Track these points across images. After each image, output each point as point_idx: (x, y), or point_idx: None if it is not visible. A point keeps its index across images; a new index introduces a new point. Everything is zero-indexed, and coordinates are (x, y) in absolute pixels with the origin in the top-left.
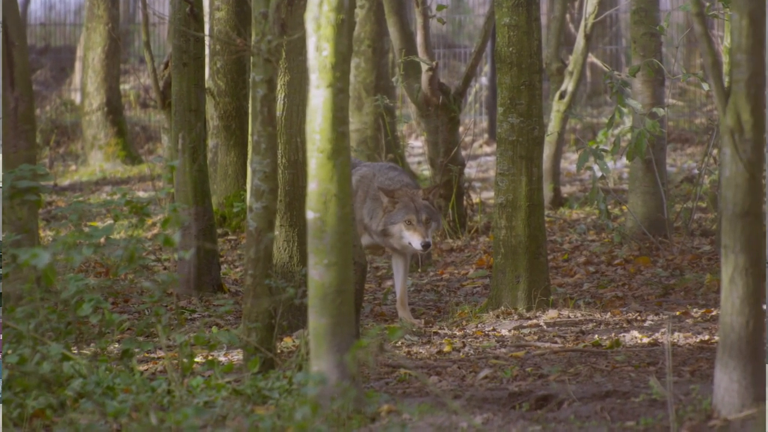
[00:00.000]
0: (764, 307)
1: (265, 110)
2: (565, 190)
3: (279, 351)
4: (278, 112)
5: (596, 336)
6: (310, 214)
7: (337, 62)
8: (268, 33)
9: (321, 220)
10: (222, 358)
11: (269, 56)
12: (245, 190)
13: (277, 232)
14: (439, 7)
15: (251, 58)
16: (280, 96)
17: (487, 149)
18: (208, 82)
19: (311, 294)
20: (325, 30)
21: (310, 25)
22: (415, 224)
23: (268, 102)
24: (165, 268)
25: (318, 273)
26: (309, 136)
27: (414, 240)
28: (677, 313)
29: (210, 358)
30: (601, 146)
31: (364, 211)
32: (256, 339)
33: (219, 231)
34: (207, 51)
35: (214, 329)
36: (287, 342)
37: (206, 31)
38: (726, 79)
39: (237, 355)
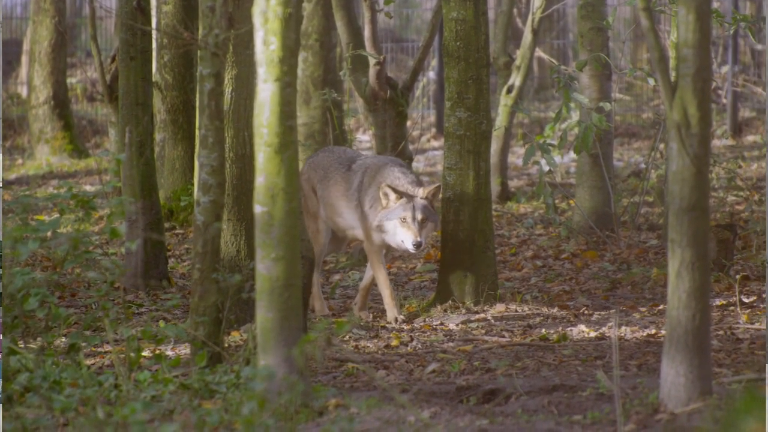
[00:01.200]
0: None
1: (212, 104)
2: (513, 184)
3: (226, 345)
4: (226, 106)
5: (544, 330)
6: (258, 208)
7: (284, 56)
8: (215, 27)
9: (269, 214)
10: (169, 353)
11: (216, 50)
12: (193, 184)
13: (224, 226)
14: (387, 1)
15: (198, 51)
16: (228, 90)
17: (435, 143)
18: (155, 75)
19: (259, 288)
20: (272, 24)
21: (257, 19)
22: (409, 222)
23: (215, 96)
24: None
25: (266, 267)
26: (257, 130)
27: (407, 238)
28: (624, 307)
29: (157, 352)
30: (549, 141)
31: (365, 200)
32: (203, 333)
33: (166, 225)
34: (154, 45)
35: (162, 323)
36: (235, 336)
37: (153, 24)
38: (673, 74)
39: (184, 350)
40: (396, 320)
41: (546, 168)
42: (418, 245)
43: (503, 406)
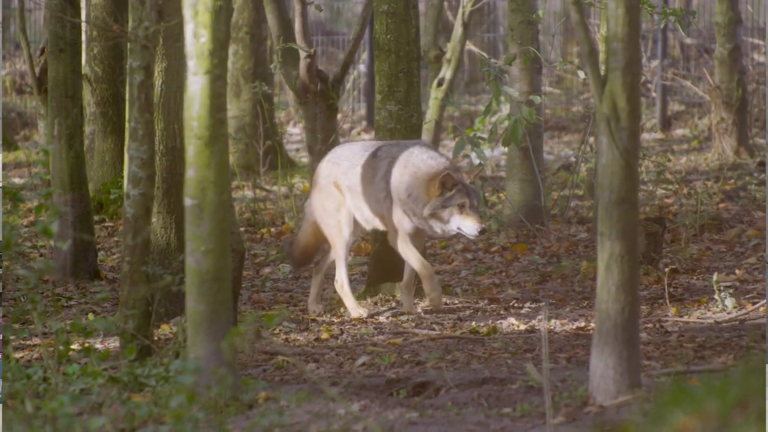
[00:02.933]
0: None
1: (142, 97)
2: None
3: (156, 338)
4: (156, 99)
5: (474, 323)
6: (188, 201)
7: (214, 49)
8: (145, 19)
9: (199, 207)
10: (98, 346)
11: (146, 42)
12: (122, 177)
13: (154, 219)
14: None
15: (128, 44)
16: (158, 82)
17: (366, 136)
18: (85, 68)
19: (189, 281)
20: (202, 16)
21: (187, 12)
22: (467, 208)
23: (145, 88)
24: (41, 255)
25: (195, 260)
26: (187, 122)
27: (467, 225)
28: (554, 300)
29: (86, 345)
30: (479, 134)
31: (401, 188)
32: (133, 326)
33: (96, 218)
34: (84, 37)
35: (91, 316)
36: (164, 329)
37: (83, 16)
38: (602, 68)
39: (114, 343)
40: (438, 307)
41: (476, 161)
42: (483, 231)
43: (433, 399)
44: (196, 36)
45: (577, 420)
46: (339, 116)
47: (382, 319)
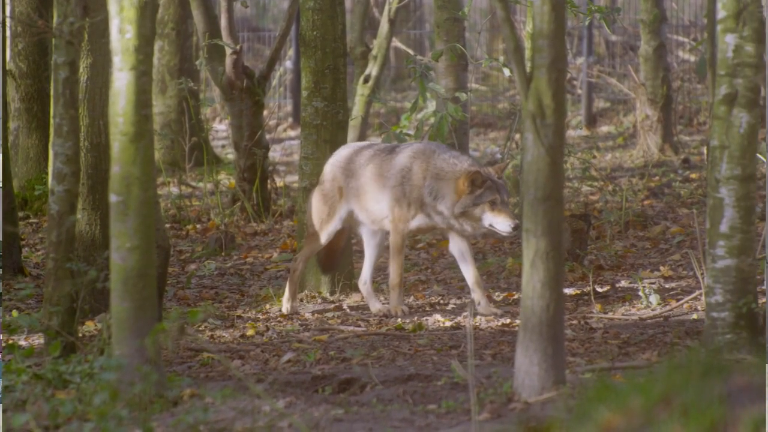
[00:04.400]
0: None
1: (67, 93)
2: None
3: (81, 335)
4: (81, 95)
5: (399, 320)
6: (113, 198)
7: (140, 45)
8: (70, 15)
9: (124, 204)
10: (23, 342)
11: (71, 38)
12: (47, 173)
13: (79, 216)
14: None
15: (53, 40)
16: (83, 78)
17: (292, 133)
18: (9, 64)
19: (114, 278)
20: (128, 12)
21: (112, 7)
22: (499, 205)
23: (70, 84)
24: None
25: (121, 256)
26: (112, 119)
27: (499, 222)
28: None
29: (10, 342)
30: (405, 130)
31: (425, 191)
32: (57, 323)
33: (20, 214)
34: (8, 32)
35: (15, 313)
36: (89, 326)
37: (7, 12)
38: (528, 65)
39: (38, 339)
40: (397, 313)
41: None
42: (516, 227)
43: (358, 396)
44: (121, 32)
45: (502, 416)
46: (265, 112)
47: (307, 315)
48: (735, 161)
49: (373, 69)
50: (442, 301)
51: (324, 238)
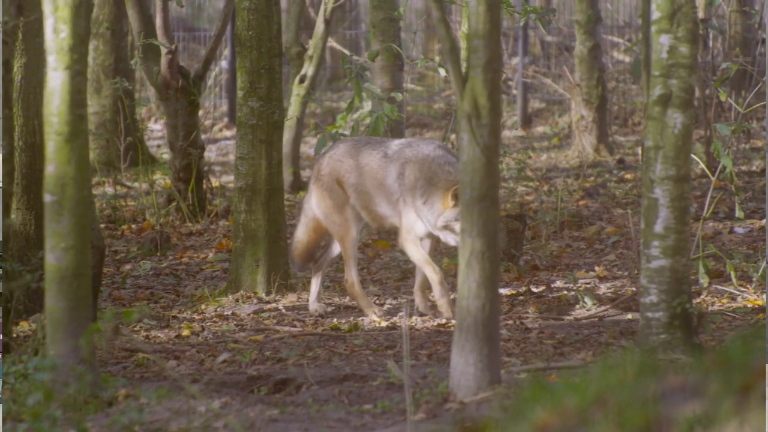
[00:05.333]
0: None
1: (1, 92)
2: (305, 174)
3: (15, 335)
4: (15, 94)
5: (335, 320)
6: (48, 198)
7: (74, 44)
8: (3, 14)
9: (58, 204)
10: None
11: (5, 38)
12: None
13: (13, 215)
14: None
15: None
16: (17, 78)
17: (227, 133)
18: None
19: (48, 278)
20: (62, 11)
21: (47, 7)
22: None
23: (4, 84)
24: None
25: (55, 256)
26: (47, 118)
27: None
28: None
29: None
30: (341, 131)
31: (417, 192)
32: None
33: None
34: None
35: None
36: (23, 326)
37: None
38: (464, 65)
39: None
40: (446, 314)
41: None
42: None
43: (294, 396)
44: (56, 31)
45: (437, 416)
46: (200, 112)
47: (243, 315)
48: (669, 162)
49: (308, 69)
50: (378, 302)
51: (353, 228)
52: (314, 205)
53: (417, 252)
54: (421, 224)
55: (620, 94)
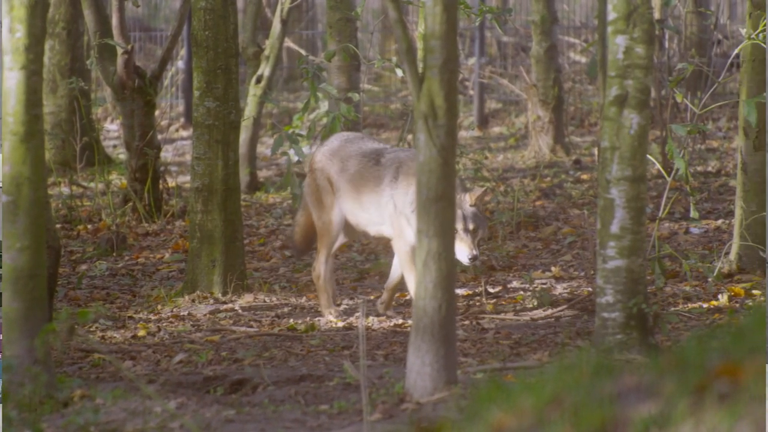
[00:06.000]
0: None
1: None
2: (262, 174)
3: None
4: None
5: (292, 320)
6: (3, 198)
7: (30, 44)
8: None
9: (14, 204)
10: None
11: None
12: None
13: None
14: None
15: None
16: None
17: (184, 133)
18: None
19: (4, 278)
20: (18, 11)
21: (2, 6)
22: (461, 234)
23: None
24: None
25: (11, 257)
26: (2, 118)
27: (459, 251)
28: (372, 297)
29: None
30: (297, 131)
31: (407, 199)
32: None
33: None
34: None
35: None
36: None
37: None
38: (420, 65)
39: None
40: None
41: (295, 158)
42: (474, 258)
43: (250, 396)
44: (11, 31)
45: (393, 417)
46: (157, 112)
47: (199, 316)
48: (625, 162)
49: (265, 69)
50: (335, 302)
51: (335, 229)
52: (305, 194)
53: (407, 264)
54: (410, 231)
55: (576, 94)
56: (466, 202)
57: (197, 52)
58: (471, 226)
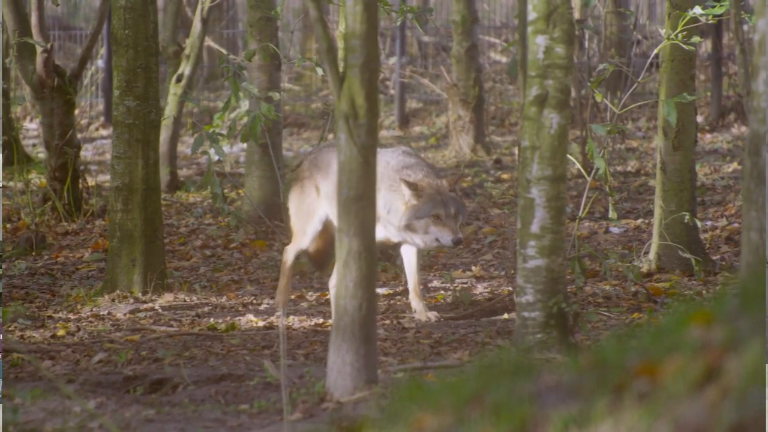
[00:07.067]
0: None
1: None
2: (182, 173)
3: None
4: None
5: (212, 320)
6: None
7: None
8: None
9: None
10: None
11: None
12: None
13: None
14: None
15: None
16: None
17: (104, 132)
18: None
19: None
20: None
21: None
22: (443, 218)
23: None
24: None
25: None
26: None
27: (443, 236)
28: (292, 297)
29: None
30: (218, 130)
31: (380, 203)
32: None
33: None
34: None
35: None
36: None
37: None
38: (341, 65)
39: None
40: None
41: (215, 157)
42: (458, 242)
43: (170, 396)
44: None
45: (314, 416)
46: (77, 111)
47: (119, 315)
48: (546, 162)
49: (185, 68)
50: (255, 301)
51: (307, 239)
52: (290, 197)
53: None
54: (389, 234)
55: (497, 94)
56: (445, 187)
57: (117, 50)
58: (452, 211)
